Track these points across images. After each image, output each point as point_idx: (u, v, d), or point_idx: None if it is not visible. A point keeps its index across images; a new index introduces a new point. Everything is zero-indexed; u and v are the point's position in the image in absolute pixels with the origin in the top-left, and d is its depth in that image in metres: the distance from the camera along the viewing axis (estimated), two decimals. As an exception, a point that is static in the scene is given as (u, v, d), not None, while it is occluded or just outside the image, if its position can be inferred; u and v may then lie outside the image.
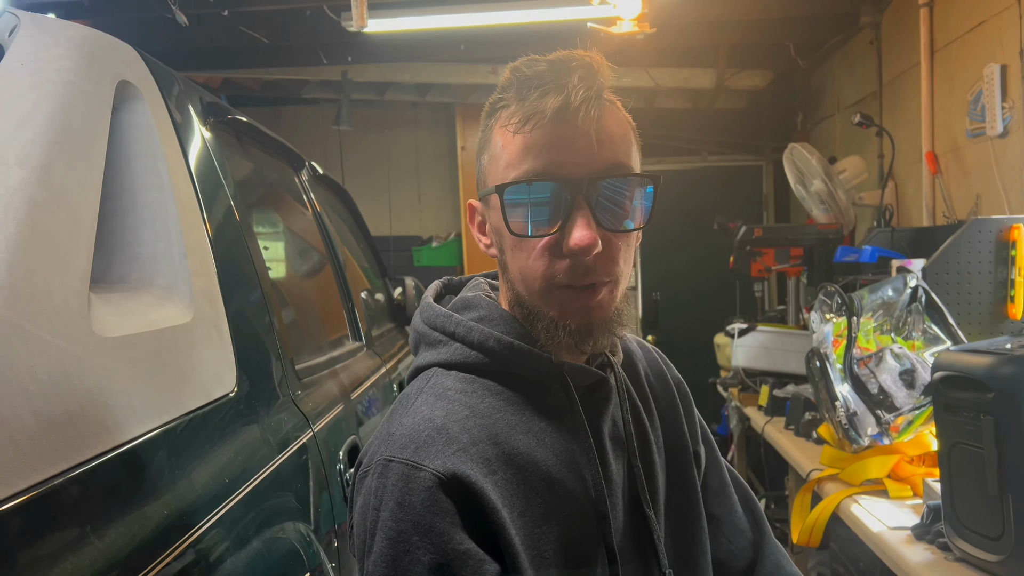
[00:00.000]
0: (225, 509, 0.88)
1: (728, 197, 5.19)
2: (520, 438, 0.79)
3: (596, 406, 0.86)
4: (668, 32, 3.64)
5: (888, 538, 1.51)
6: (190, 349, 0.97)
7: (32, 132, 0.80)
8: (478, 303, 0.86)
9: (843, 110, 3.97)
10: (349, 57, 4.13)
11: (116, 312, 0.83)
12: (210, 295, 1.07)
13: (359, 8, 2.39)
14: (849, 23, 3.59)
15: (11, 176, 0.74)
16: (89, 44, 1.02)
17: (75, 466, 0.67)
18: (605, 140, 0.77)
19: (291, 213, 1.97)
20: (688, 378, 1.06)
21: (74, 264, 0.77)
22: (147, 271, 0.98)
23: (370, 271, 2.74)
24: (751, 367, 2.96)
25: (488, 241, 0.87)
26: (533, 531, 0.76)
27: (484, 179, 0.84)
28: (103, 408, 0.73)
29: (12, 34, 0.97)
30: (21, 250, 0.69)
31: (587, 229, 0.75)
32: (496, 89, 0.84)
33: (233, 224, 1.27)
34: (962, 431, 1.32)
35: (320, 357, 1.61)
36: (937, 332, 1.91)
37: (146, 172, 1.04)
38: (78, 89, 0.92)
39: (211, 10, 3.14)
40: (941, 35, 2.83)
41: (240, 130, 1.61)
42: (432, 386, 0.82)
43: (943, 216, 2.80)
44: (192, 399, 0.93)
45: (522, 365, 0.82)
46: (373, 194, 5.14)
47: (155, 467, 0.80)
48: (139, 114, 1.07)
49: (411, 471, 0.72)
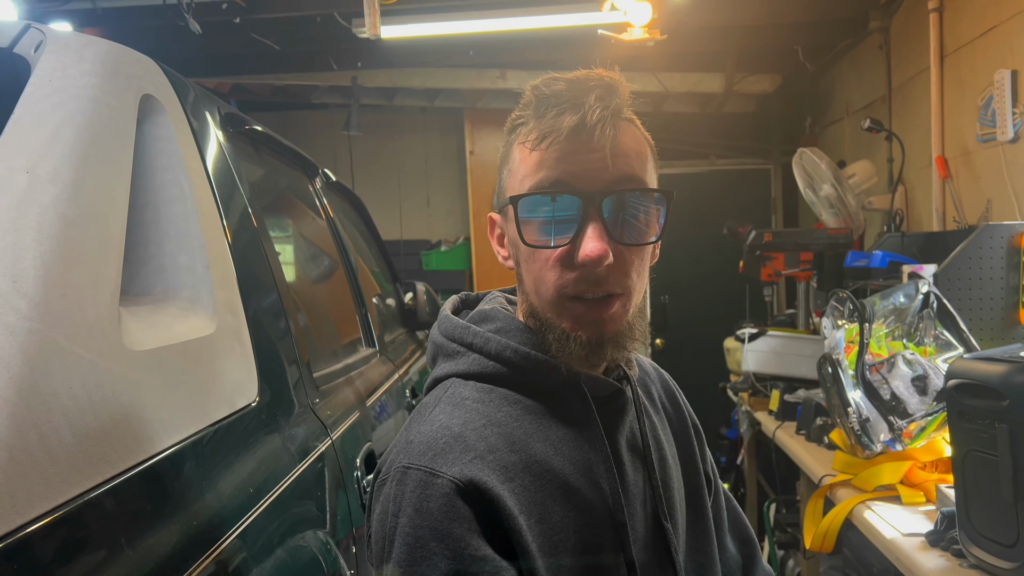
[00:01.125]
0: (251, 519, 0.89)
1: (736, 201, 5.20)
2: (537, 446, 0.80)
3: (613, 417, 0.87)
4: (677, 37, 3.65)
5: (902, 544, 1.51)
6: (214, 360, 0.98)
7: (62, 149, 0.82)
8: (495, 315, 0.88)
9: (852, 114, 3.97)
10: (359, 63, 4.15)
11: (144, 325, 0.85)
12: (232, 306, 1.08)
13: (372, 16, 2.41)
14: (858, 28, 3.59)
15: (44, 193, 0.75)
16: (113, 59, 1.03)
17: (109, 479, 0.68)
18: (619, 155, 0.79)
19: (306, 221, 1.99)
20: (697, 381, 1.09)
21: (105, 279, 0.78)
22: (171, 283, 1.00)
23: (381, 276, 2.76)
24: (761, 371, 2.97)
25: (506, 253, 0.89)
26: (551, 538, 0.77)
27: (502, 192, 0.86)
28: (135, 421, 0.75)
29: (38, 50, 0.98)
30: (55, 267, 0.71)
31: (598, 240, 0.76)
32: (517, 106, 0.85)
33: (252, 234, 1.28)
34: (976, 438, 1.33)
35: (336, 364, 1.63)
36: (949, 338, 1.91)
37: (169, 185, 1.05)
38: (104, 104, 0.94)
39: (223, 17, 3.16)
40: (951, 40, 2.83)
41: (257, 139, 1.62)
42: (450, 396, 0.83)
43: (953, 221, 2.80)
44: (217, 410, 0.94)
45: (539, 375, 0.83)
46: (383, 199, 5.15)
47: (184, 479, 0.81)
48: (161, 127, 1.09)
49: (429, 478, 0.73)
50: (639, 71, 4.29)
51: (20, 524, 0.57)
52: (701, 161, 5.26)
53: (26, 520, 0.58)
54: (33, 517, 0.59)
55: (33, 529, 0.58)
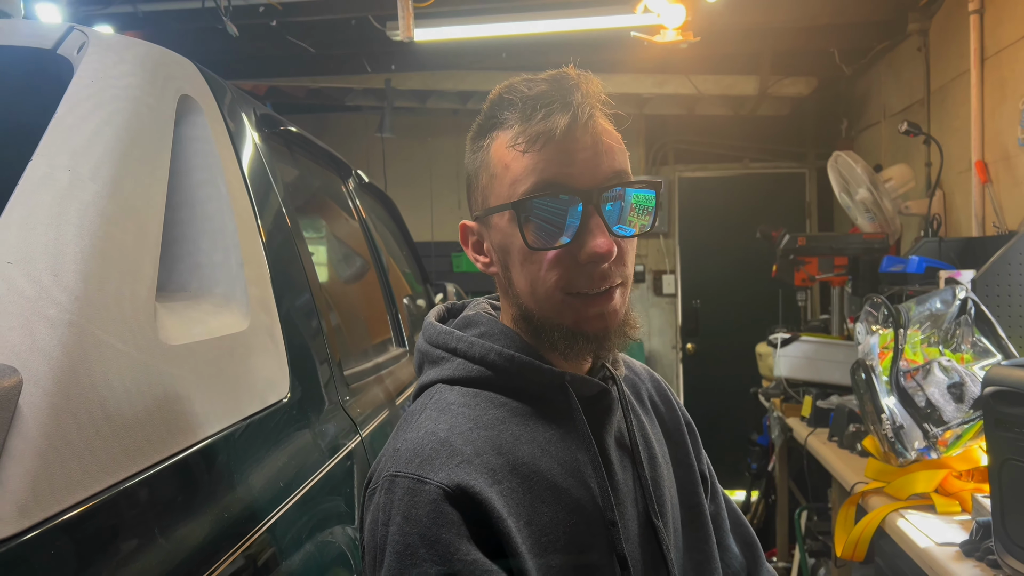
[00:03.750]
0: (281, 512, 0.91)
1: (770, 204, 5.15)
2: (525, 448, 0.80)
3: (599, 416, 0.87)
4: (711, 39, 3.63)
5: (936, 554, 1.49)
6: (247, 356, 1.00)
7: (103, 147, 0.84)
8: (479, 320, 0.88)
9: (889, 117, 3.91)
10: (392, 65, 4.19)
11: (179, 320, 0.86)
12: (265, 303, 1.10)
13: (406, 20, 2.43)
14: (896, 30, 3.54)
15: (85, 191, 0.77)
16: (152, 60, 1.05)
17: (143, 470, 0.70)
18: (606, 151, 0.80)
19: (339, 221, 2.01)
20: (729, 387, 1.08)
21: (142, 275, 0.80)
22: (206, 280, 1.02)
23: (412, 277, 2.77)
24: (794, 377, 2.93)
25: (487, 260, 0.88)
26: (540, 540, 0.77)
27: (483, 199, 0.85)
28: (169, 414, 0.76)
29: (80, 51, 1.01)
30: (95, 261, 0.72)
31: (604, 236, 0.78)
32: (485, 110, 0.85)
33: (285, 233, 1.30)
34: (1013, 447, 1.30)
35: (367, 363, 1.64)
36: (987, 345, 1.87)
37: (205, 184, 1.07)
38: (143, 105, 0.96)
39: (260, 20, 3.20)
40: (991, 42, 2.78)
41: (291, 140, 1.65)
42: (436, 402, 0.83)
43: (993, 226, 2.75)
44: (249, 405, 0.96)
45: (524, 377, 0.83)
46: (415, 200, 5.19)
47: (216, 471, 0.82)
48: (199, 127, 1.11)
49: (416, 485, 0.73)
50: (671, 73, 4.27)
51: (58, 511, 0.59)
52: (735, 164, 5.22)
53: (64, 507, 0.60)
54: (71, 504, 0.60)
55: (70, 516, 0.60)
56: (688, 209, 5.32)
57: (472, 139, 0.87)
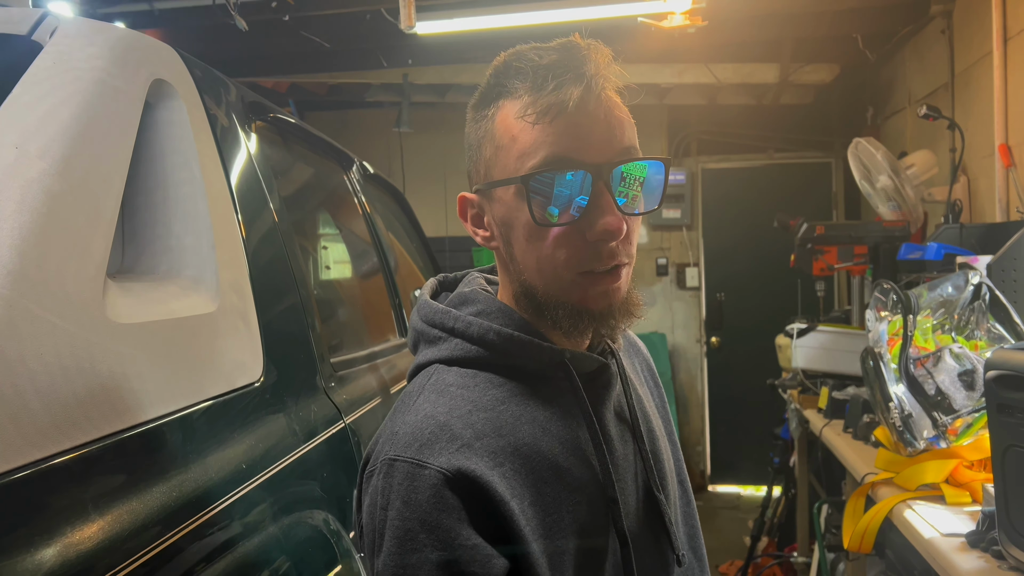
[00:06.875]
0: (240, 494, 0.90)
1: (796, 195, 5.06)
2: (525, 428, 0.78)
3: (599, 392, 0.86)
4: (728, 26, 3.57)
5: (940, 545, 1.44)
6: (214, 338, 0.99)
7: (56, 126, 0.84)
8: (475, 297, 0.86)
9: (914, 103, 3.82)
10: (409, 59, 4.19)
11: (136, 300, 0.86)
12: (238, 287, 1.09)
13: (407, 8, 2.42)
14: (920, 12, 3.45)
15: (31, 168, 0.77)
16: (124, 44, 1.05)
17: (81, 445, 0.69)
18: (617, 125, 0.77)
19: (337, 211, 2.00)
20: (754, 381, 1.09)
21: (90, 253, 0.80)
22: (175, 263, 1.02)
23: (423, 269, 2.77)
24: (811, 368, 2.88)
25: (487, 234, 0.86)
26: (543, 520, 0.76)
27: (487, 171, 0.83)
28: (115, 391, 0.76)
29: (52, 35, 1.01)
30: (34, 238, 0.72)
31: (614, 214, 0.75)
32: (490, 76, 0.82)
33: (269, 219, 1.30)
34: (1017, 433, 1.25)
35: (359, 351, 1.63)
36: (1002, 331, 1.81)
37: (179, 167, 1.07)
38: (108, 86, 0.96)
39: (272, 16, 3.22)
40: (1015, 22, 2.69)
41: (285, 129, 1.64)
42: (433, 383, 0.81)
43: (1017, 211, 2.66)
44: (213, 386, 0.95)
45: (523, 356, 0.81)
46: (432, 195, 5.18)
47: (168, 450, 0.82)
48: (174, 111, 1.11)
49: (416, 469, 0.72)
50: (690, 62, 4.21)
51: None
52: (758, 155, 5.14)
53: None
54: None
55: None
56: (712, 201, 5.25)
57: (475, 107, 0.84)
